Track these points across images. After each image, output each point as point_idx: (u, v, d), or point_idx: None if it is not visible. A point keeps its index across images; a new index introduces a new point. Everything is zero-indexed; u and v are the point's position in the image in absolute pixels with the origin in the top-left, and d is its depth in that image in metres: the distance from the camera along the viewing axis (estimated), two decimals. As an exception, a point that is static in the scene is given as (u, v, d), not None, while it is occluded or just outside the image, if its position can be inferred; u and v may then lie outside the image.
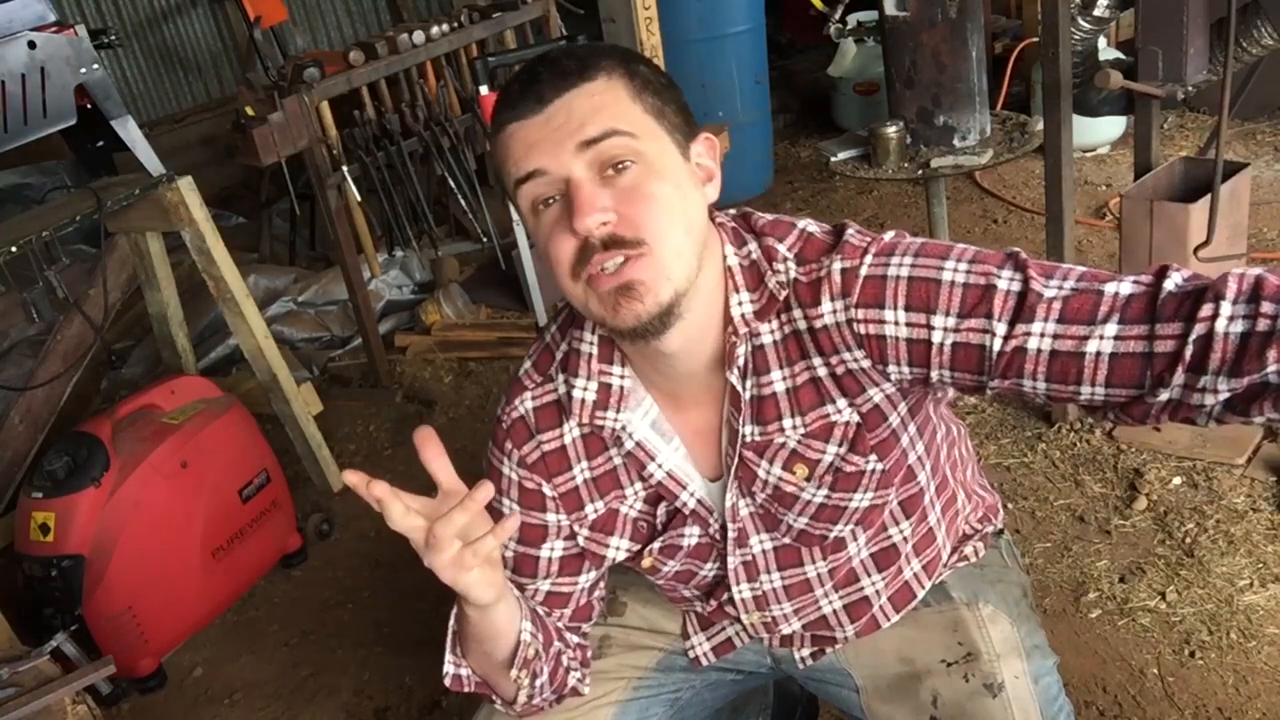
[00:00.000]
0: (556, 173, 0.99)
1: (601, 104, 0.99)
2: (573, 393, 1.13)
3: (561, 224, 1.00)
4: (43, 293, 2.59)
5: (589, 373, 1.13)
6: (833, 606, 1.26)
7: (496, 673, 1.17)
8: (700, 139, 1.08)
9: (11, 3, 2.23)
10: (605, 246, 0.98)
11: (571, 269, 1.01)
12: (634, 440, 1.14)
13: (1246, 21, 2.17)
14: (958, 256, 1.01)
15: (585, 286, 1.01)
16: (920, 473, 1.18)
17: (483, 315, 3.95)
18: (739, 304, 1.07)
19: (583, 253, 0.99)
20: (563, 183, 0.99)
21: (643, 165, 1.00)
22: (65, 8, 5.56)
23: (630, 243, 0.98)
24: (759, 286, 1.07)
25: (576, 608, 1.25)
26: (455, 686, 1.20)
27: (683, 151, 1.05)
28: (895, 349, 1.02)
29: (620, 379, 1.13)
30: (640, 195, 0.99)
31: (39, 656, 1.81)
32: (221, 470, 2.53)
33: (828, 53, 5.03)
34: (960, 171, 2.87)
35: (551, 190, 1.00)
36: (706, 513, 1.18)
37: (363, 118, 3.30)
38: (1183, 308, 0.89)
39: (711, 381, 1.11)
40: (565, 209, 0.99)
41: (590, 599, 1.27)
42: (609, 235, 0.98)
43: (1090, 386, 0.94)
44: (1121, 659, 1.97)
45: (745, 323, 1.07)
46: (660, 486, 1.16)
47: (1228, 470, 2.35)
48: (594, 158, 0.98)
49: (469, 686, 1.20)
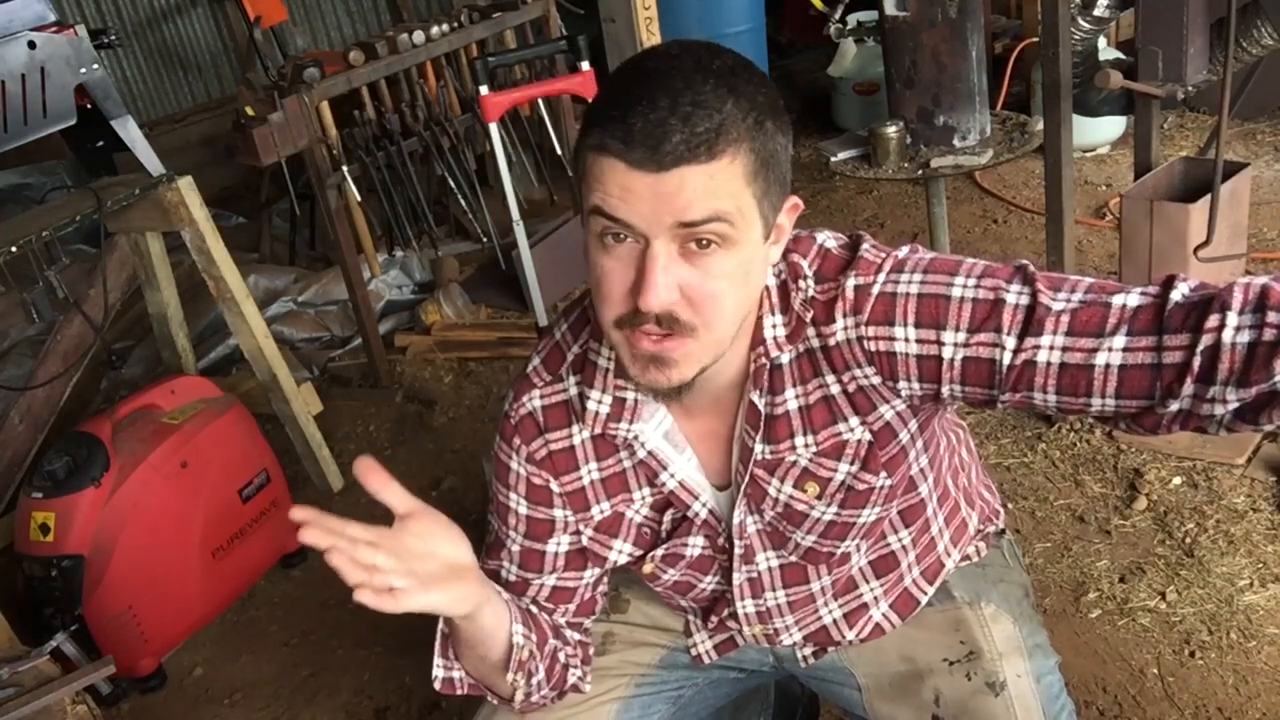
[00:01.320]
0: (642, 233, 0.94)
1: (717, 187, 0.92)
2: (587, 404, 1.13)
3: (622, 274, 0.96)
4: (43, 293, 2.59)
5: (604, 386, 1.12)
6: (832, 616, 1.26)
7: (491, 674, 1.17)
8: (788, 207, 1.03)
9: (11, 3, 2.23)
10: (658, 321, 0.96)
11: (617, 319, 0.98)
12: (646, 450, 1.14)
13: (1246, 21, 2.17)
14: (967, 272, 1.01)
15: (622, 336, 0.99)
16: (922, 484, 1.18)
17: (483, 315, 3.95)
18: (773, 326, 1.06)
19: (635, 316, 0.96)
20: (642, 238, 0.94)
21: (726, 249, 0.95)
22: (65, 8, 5.56)
23: (684, 326, 0.96)
24: (788, 308, 1.06)
25: (581, 602, 1.25)
26: (447, 690, 1.19)
27: (767, 227, 0.99)
28: (905, 365, 1.02)
29: (635, 392, 1.12)
30: (710, 287, 0.95)
31: (39, 656, 1.82)
32: (221, 470, 2.53)
33: (828, 53, 5.03)
34: (960, 171, 2.87)
35: (627, 232, 0.95)
36: (716, 522, 1.18)
37: (363, 118, 3.30)
38: (1190, 318, 0.90)
39: (728, 394, 1.11)
40: (631, 264, 0.95)
41: (594, 594, 1.27)
42: (667, 313, 0.96)
43: (1100, 398, 0.94)
44: (1121, 659, 1.97)
45: (777, 346, 1.06)
46: (672, 495, 1.17)
47: (1228, 470, 2.35)
48: (686, 235, 0.94)
49: (462, 689, 1.19)
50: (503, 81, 3.55)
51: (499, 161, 2.57)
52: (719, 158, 0.92)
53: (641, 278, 0.94)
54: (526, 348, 3.56)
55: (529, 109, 3.64)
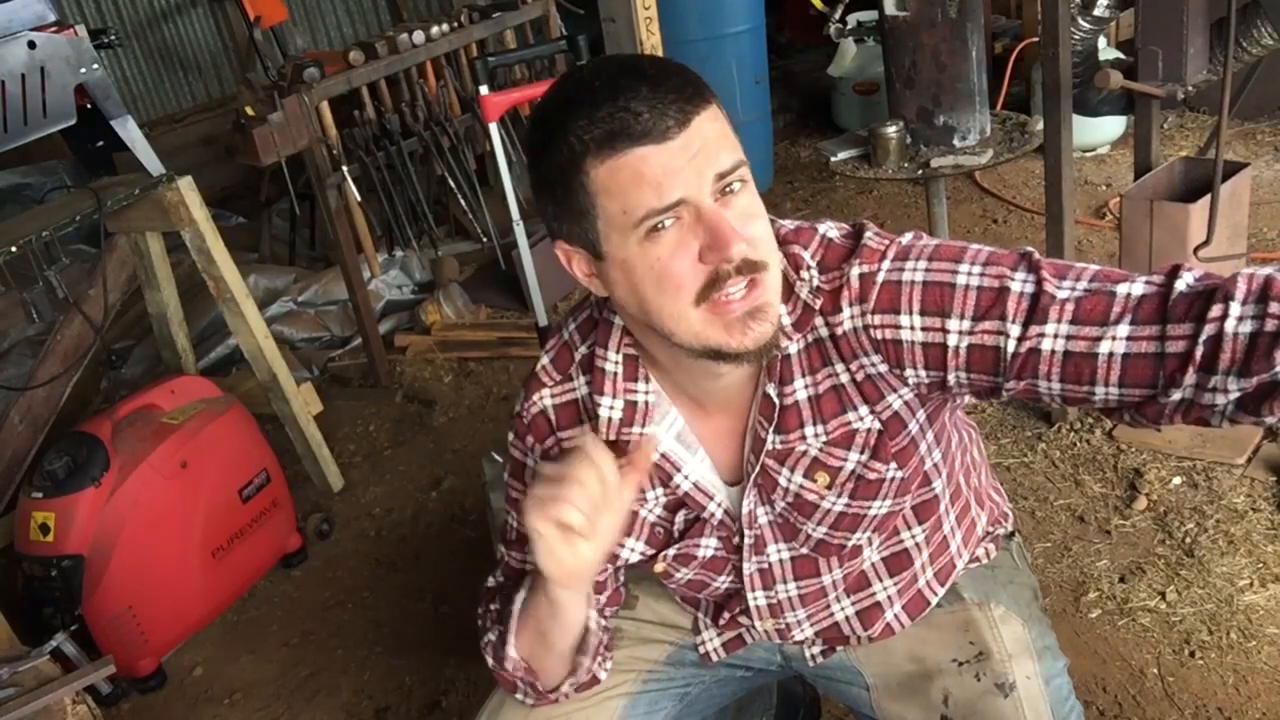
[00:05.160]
0: (692, 201, 0.95)
1: (722, 130, 0.97)
2: (599, 411, 1.13)
3: (685, 249, 0.96)
4: (43, 293, 2.58)
5: (615, 391, 1.13)
6: (845, 613, 1.26)
7: (549, 659, 1.17)
8: None
9: (11, 3, 2.23)
10: (738, 271, 0.97)
11: (697, 295, 0.98)
12: (659, 452, 1.14)
13: (1246, 21, 2.17)
14: (971, 259, 1.01)
15: (705, 313, 0.98)
16: (936, 479, 1.18)
17: (483, 315, 3.95)
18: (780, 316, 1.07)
19: (715, 280, 0.97)
20: (683, 209, 0.95)
21: (747, 187, 0.99)
22: (65, 8, 5.56)
23: (759, 265, 0.98)
24: (791, 297, 1.07)
25: (611, 591, 1.27)
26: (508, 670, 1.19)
27: None
28: (912, 353, 1.02)
29: (645, 395, 1.13)
30: (756, 218, 0.99)
31: (39, 656, 1.81)
32: (221, 470, 2.53)
33: (828, 53, 5.03)
34: (960, 171, 2.87)
35: (675, 213, 0.96)
36: (731, 522, 1.19)
37: (363, 118, 3.30)
38: (1193, 308, 0.90)
39: (742, 388, 1.12)
40: (687, 238, 0.96)
41: (618, 585, 1.29)
42: (744, 258, 0.97)
43: (1104, 387, 0.95)
44: (1121, 659, 1.97)
45: (785, 335, 1.07)
46: (686, 497, 1.17)
47: (1228, 470, 2.35)
48: (720, 186, 0.96)
49: (519, 671, 1.19)
50: (503, 81, 3.55)
51: (499, 161, 2.57)
52: (710, 101, 0.97)
53: (714, 236, 0.95)
54: (526, 348, 3.56)
55: (529, 109, 3.64)
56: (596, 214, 0.97)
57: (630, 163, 0.94)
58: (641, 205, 0.94)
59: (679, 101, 0.94)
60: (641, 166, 0.94)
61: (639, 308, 1.01)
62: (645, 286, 0.99)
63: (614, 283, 1.02)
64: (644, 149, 0.93)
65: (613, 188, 0.95)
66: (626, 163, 0.94)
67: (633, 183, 0.94)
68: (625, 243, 0.97)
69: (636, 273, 0.98)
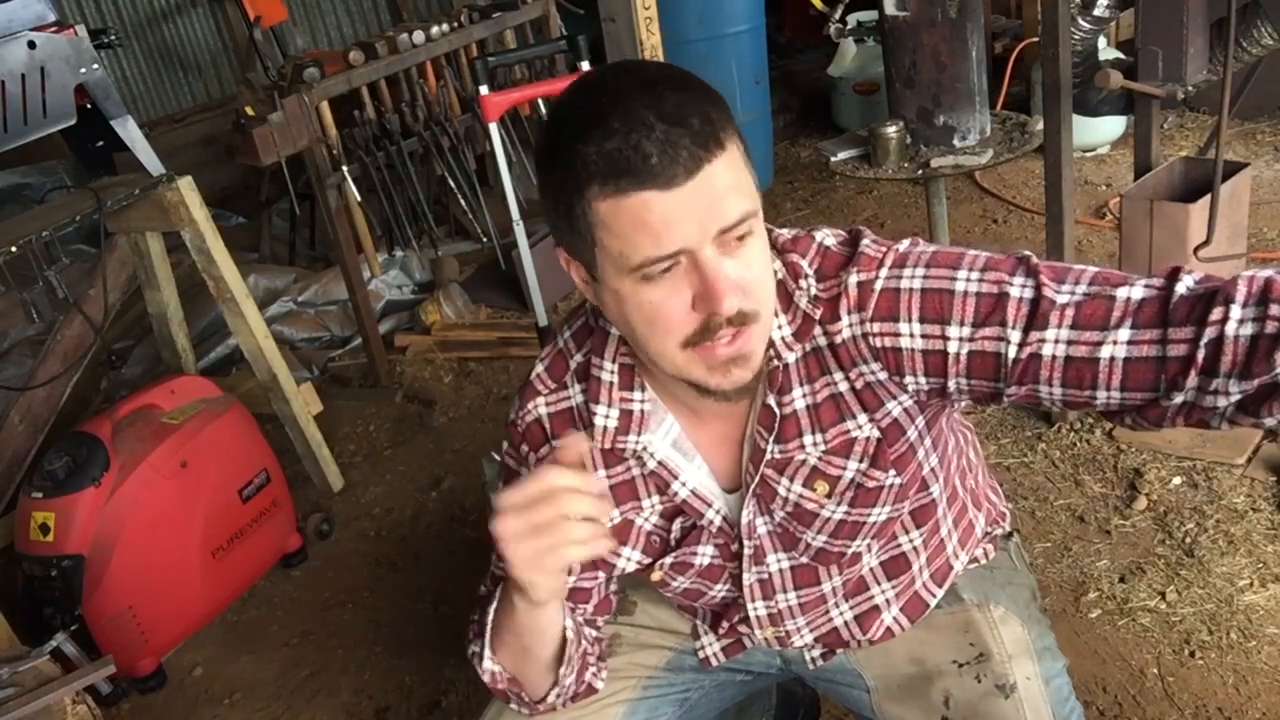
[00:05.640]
0: (692, 250, 0.93)
1: (735, 180, 0.94)
2: (594, 420, 1.13)
3: (678, 296, 0.95)
4: (43, 293, 2.58)
5: (610, 400, 1.12)
6: (844, 618, 1.26)
7: (530, 669, 1.16)
8: None
9: (11, 3, 2.23)
10: (729, 323, 0.96)
11: (685, 340, 0.98)
12: (656, 460, 1.14)
13: (1246, 21, 2.17)
14: (969, 265, 1.01)
15: (691, 354, 0.99)
16: (934, 484, 1.18)
17: (482, 315, 3.95)
18: (779, 327, 1.06)
19: (705, 329, 0.97)
20: (682, 256, 0.94)
21: (755, 235, 0.97)
22: (65, 8, 5.56)
23: (750, 316, 0.98)
24: (790, 307, 1.07)
25: (599, 600, 1.26)
26: (490, 681, 1.18)
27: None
28: (912, 361, 1.02)
29: (640, 403, 1.12)
30: (755, 272, 0.97)
31: (39, 656, 1.81)
32: (221, 470, 2.53)
33: (828, 53, 5.03)
34: (960, 171, 2.87)
35: (667, 263, 0.94)
36: (729, 529, 1.18)
37: (363, 118, 3.30)
38: (1194, 311, 0.90)
39: (738, 398, 1.11)
40: (682, 283, 0.95)
41: (608, 593, 1.28)
42: (738, 311, 0.96)
43: (1105, 391, 0.95)
44: (1121, 659, 1.97)
45: (787, 346, 1.07)
46: (684, 505, 1.17)
47: (1228, 470, 2.35)
48: (726, 236, 0.95)
49: (501, 683, 1.18)
50: (503, 81, 3.55)
51: (499, 161, 2.57)
52: (726, 145, 0.93)
53: (707, 289, 0.94)
54: (526, 348, 3.56)
55: (529, 109, 3.64)
56: (594, 243, 0.96)
57: (633, 206, 0.91)
58: (639, 251, 0.93)
59: (692, 146, 0.90)
60: (644, 213, 0.91)
61: (627, 333, 1.03)
62: (635, 321, 0.99)
63: (606, 305, 1.02)
64: (648, 194, 0.90)
65: (613, 226, 0.93)
66: (629, 206, 0.91)
67: (633, 227, 0.92)
68: (620, 278, 0.96)
69: (628, 306, 0.98)
